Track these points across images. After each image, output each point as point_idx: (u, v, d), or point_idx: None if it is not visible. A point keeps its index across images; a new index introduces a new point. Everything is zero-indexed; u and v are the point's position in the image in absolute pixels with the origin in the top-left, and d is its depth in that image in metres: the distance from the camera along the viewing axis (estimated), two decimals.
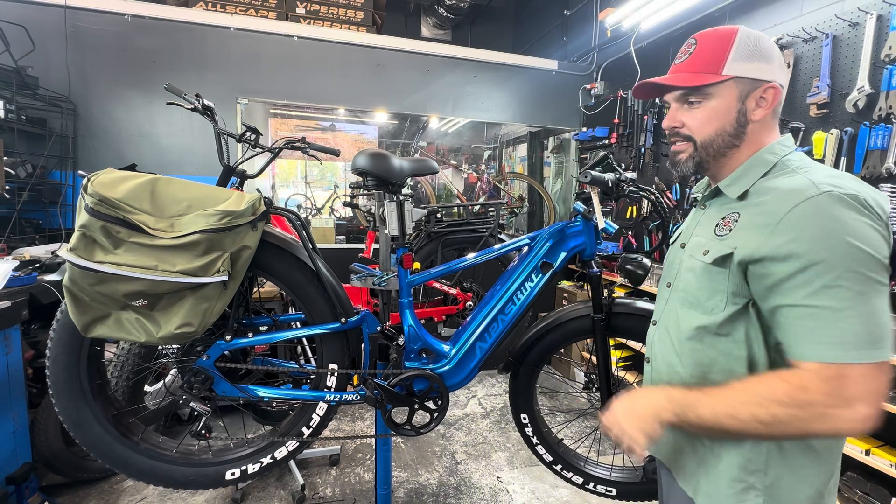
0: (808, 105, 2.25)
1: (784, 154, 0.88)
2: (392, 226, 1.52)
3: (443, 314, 2.61)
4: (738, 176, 0.90)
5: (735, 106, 0.88)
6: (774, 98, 0.88)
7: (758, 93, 0.87)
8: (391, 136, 5.94)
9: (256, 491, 2.39)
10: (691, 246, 0.96)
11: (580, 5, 4.25)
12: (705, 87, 0.89)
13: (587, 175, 1.37)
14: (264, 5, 3.75)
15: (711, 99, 0.89)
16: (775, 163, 0.87)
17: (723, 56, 0.87)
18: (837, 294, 0.73)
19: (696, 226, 1.00)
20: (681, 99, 0.93)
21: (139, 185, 1.18)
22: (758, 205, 0.84)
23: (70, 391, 1.39)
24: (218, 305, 1.25)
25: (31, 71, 2.83)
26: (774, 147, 0.89)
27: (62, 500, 2.25)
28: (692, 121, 0.92)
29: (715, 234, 0.89)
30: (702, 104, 0.90)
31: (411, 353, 1.55)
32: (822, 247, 0.74)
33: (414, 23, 5.71)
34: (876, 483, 1.93)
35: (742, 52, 0.87)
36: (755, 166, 0.89)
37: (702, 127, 0.91)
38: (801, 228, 0.76)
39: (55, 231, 2.93)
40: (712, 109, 0.89)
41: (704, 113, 0.90)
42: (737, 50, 0.87)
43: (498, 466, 2.70)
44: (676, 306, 0.97)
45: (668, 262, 1.07)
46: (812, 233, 0.75)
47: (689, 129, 0.92)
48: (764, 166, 0.88)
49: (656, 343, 1.03)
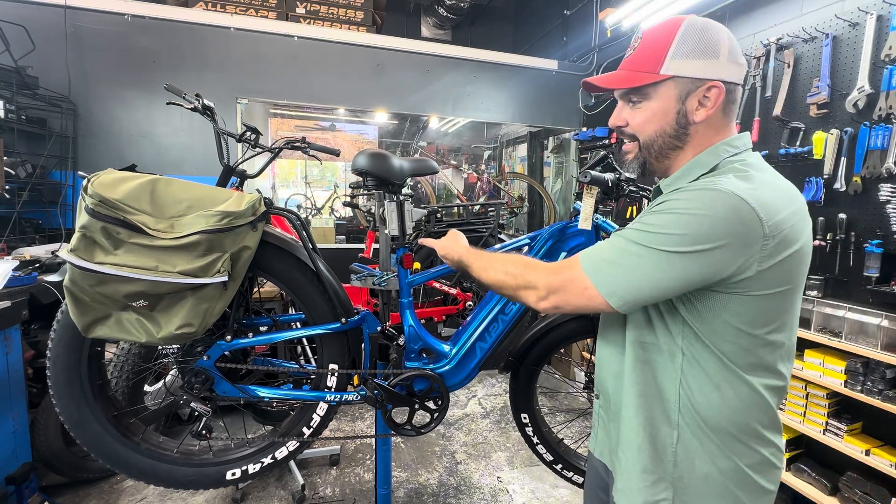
0: (808, 105, 2.25)
1: (728, 155, 0.84)
2: (392, 226, 1.52)
3: (443, 314, 2.61)
4: (677, 177, 0.88)
5: (674, 106, 0.84)
6: (718, 97, 0.82)
7: (700, 92, 0.82)
8: (391, 136, 5.94)
9: (256, 491, 2.39)
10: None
11: (580, 5, 4.25)
12: (643, 87, 0.86)
13: (587, 175, 1.38)
14: (264, 5, 3.75)
15: (650, 99, 0.86)
16: (715, 164, 0.84)
17: (661, 54, 0.83)
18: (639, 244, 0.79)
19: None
20: (624, 97, 0.91)
21: (139, 186, 1.18)
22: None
23: (70, 391, 1.39)
24: (218, 306, 1.25)
25: (31, 71, 2.83)
26: (718, 148, 0.85)
27: (62, 500, 2.25)
28: (633, 119, 0.90)
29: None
30: (642, 104, 0.88)
31: (411, 353, 1.55)
32: (664, 209, 0.79)
33: (414, 23, 5.71)
34: (876, 483, 1.93)
35: (683, 48, 0.82)
36: (693, 168, 0.86)
37: (642, 127, 0.89)
38: (675, 195, 0.80)
39: (55, 231, 2.93)
40: (651, 110, 0.86)
41: (644, 113, 0.87)
42: (677, 47, 0.82)
43: (498, 466, 2.71)
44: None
45: None
46: (674, 202, 0.78)
47: (632, 127, 0.90)
48: (701, 168, 0.84)
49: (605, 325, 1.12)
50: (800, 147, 2.28)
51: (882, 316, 1.90)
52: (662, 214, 0.79)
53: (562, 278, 0.86)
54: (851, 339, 1.99)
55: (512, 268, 0.96)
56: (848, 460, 2.02)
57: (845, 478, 2.02)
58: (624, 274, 0.80)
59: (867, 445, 1.95)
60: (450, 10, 5.17)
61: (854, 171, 2.07)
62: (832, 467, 2.16)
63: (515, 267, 0.96)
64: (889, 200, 1.98)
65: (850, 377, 1.98)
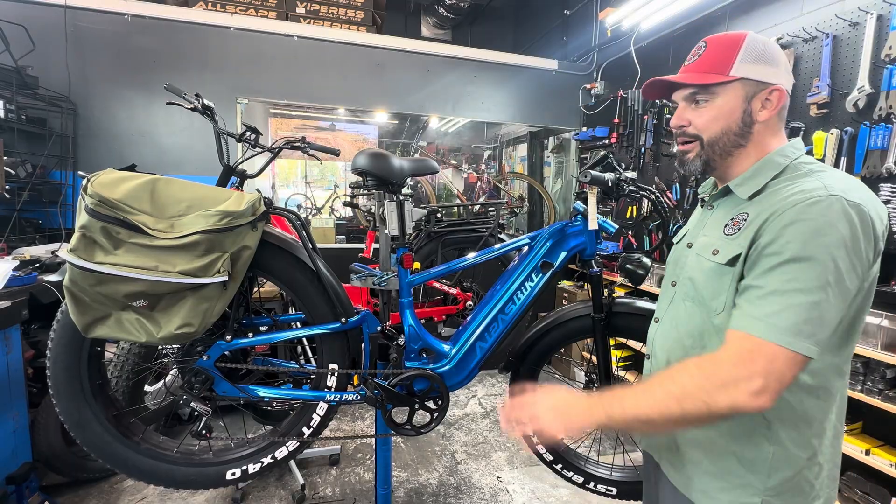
0: (808, 105, 2.25)
1: (795, 157, 0.90)
2: (392, 226, 1.52)
3: (443, 314, 2.60)
4: (748, 176, 0.91)
5: (741, 106, 0.90)
6: (779, 100, 0.90)
7: (763, 94, 0.89)
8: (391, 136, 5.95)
9: (256, 491, 2.39)
10: (699, 246, 0.97)
11: (580, 5, 4.25)
12: (712, 86, 0.91)
13: (587, 175, 1.37)
14: (264, 5, 3.75)
15: (718, 98, 0.91)
16: (786, 165, 0.89)
17: (731, 58, 0.89)
18: (794, 284, 0.76)
19: (703, 226, 1.01)
20: (688, 98, 0.95)
21: (139, 186, 1.18)
22: (767, 202, 0.86)
23: (70, 391, 1.38)
24: (218, 306, 1.25)
25: (31, 71, 2.83)
26: (786, 150, 0.91)
27: (62, 499, 2.25)
28: (698, 119, 0.94)
29: (724, 234, 0.90)
30: (708, 103, 0.92)
31: (411, 353, 1.55)
32: (804, 241, 0.76)
33: (414, 22, 5.70)
34: (876, 483, 1.93)
35: (749, 55, 0.89)
36: (766, 168, 0.90)
37: (708, 125, 0.93)
38: (794, 221, 0.78)
39: (55, 231, 2.93)
40: (718, 108, 0.91)
41: (711, 112, 0.92)
42: (744, 53, 0.89)
43: (498, 466, 2.71)
44: (681, 304, 0.99)
45: (673, 260, 1.08)
46: (802, 227, 0.77)
47: (696, 127, 0.94)
48: (775, 168, 0.89)
49: (657, 339, 1.05)
50: None
51: (882, 316, 1.90)
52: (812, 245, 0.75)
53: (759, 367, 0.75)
54: None
55: (676, 388, 0.79)
56: (848, 460, 2.01)
57: (845, 478, 2.02)
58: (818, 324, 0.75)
59: (867, 445, 1.95)
60: (450, 9, 5.17)
61: (854, 171, 2.07)
62: None
63: (679, 386, 0.79)
64: (889, 200, 1.98)
65: (851, 377, 1.97)
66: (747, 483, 0.88)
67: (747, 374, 0.75)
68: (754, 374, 0.75)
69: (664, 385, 0.81)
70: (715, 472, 0.91)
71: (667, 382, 0.81)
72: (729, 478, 0.90)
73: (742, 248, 0.85)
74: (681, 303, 0.99)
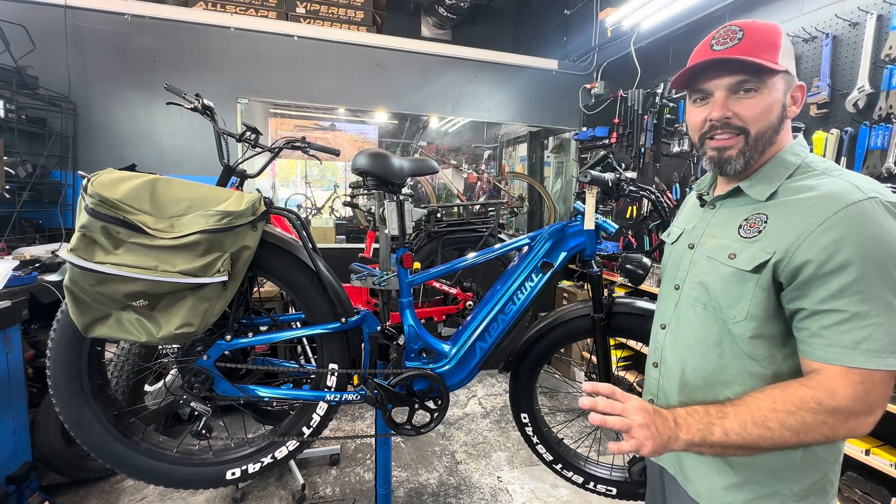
0: (808, 105, 2.25)
1: (805, 155, 0.87)
2: (392, 225, 1.52)
3: (443, 314, 2.60)
4: (763, 176, 0.87)
5: (781, 99, 0.84)
6: (803, 97, 0.87)
7: (794, 90, 0.86)
8: (391, 136, 5.94)
9: (257, 490, 2.39)
10: (710, 248, 0.91)
11: (580, 5, 4.25)
12: (764, 73, 0.82)
13: (587, 175, 1.37)
14: (264, 5, 3.75)
15: (766, 88, 0.83)
16: (798, 164, 0.85)
17: (776, 46, 0.82)
18: (870, 301, 0.72)
19: (706, 226, 0.95)
20: (733, 87, 0.84)
21: (139, 186, 1.18)
22: (790, 206, 0.81)
23: (70, 391, 1.39)
24: (218, 305, 1.25)
25: (31, 71, 2.83)
26: (795, 148, 0.87)
27: (62, 499, 2.25)
28: (747, 111, 0.84)
29: (740, 237, 0.85)
30: (758, 93, 0.83)
31: (411, 353, 1.55)
32: (864, 253, 0.72)
33: (414, 22, 5.71)
34: (876, 483, 1.93)
35: (786, 47, 0.84)
36: (779, 167, 0.86)
37: (759, 117, 0.84)
38: (845, 232, 0.73)
39: (55, 231, 2.93)
40: (767, 100, 0.83)
41: (761, 102, 0.83)
42: (784, 44, 0.84)
43: (498, 466, 2.71)
44: (690, 310, 0.93)
45: (672, 262, 1.02)
46: (856, 238, 0.73)
47: (744, 119, 0.84)
48: (787, 167, 0.85)
49: (667, 347, 0.99)
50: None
51: None
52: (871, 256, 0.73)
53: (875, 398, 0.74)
54: None
55: (796, 422, 0.75)
56: (848, 460, 2.01)
57: (845, 478, 2.02)
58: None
59: (867, 445, 1.95)
60: (450, 9, 5.17)
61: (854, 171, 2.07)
62: None
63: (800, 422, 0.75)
64: None
65: None
66: (775, 491, 0.86)
67: (866, 409, 0.74)
68: (872, 406, 0.74)
69: (780, 417, 0.75)
70: (740, 484, 0.88)
71: (783, 416, 0.75)
72: (755, 487, 0.87)
73: (769, 254, 0.79)
74: (690, 308, 0.93)
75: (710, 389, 0.90)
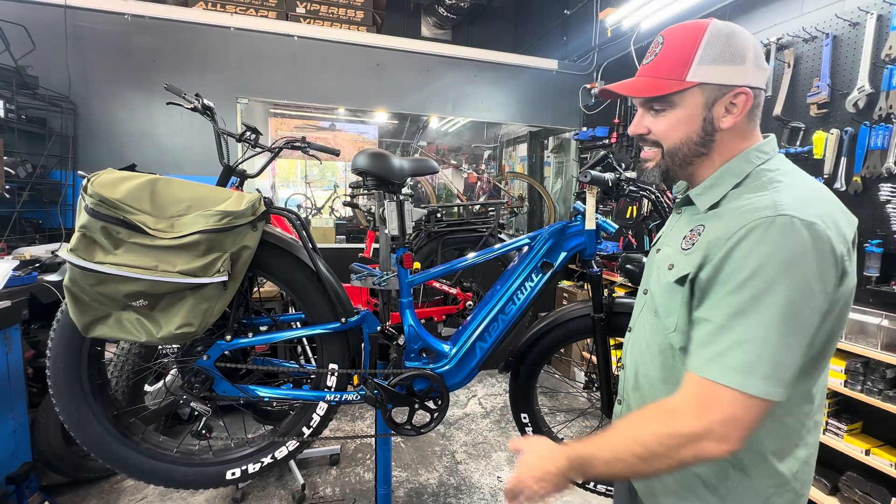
0: (808, 105, 2.25)
1: (760, 162, 0.81)
2: (392, 225, 1.52)
3: (443, 314, 2.60)
4: (708, 185, 0.84)
5: (700, 114, 0.81)
6: (745, 104, 0.80)
7: (727, 98, 0.80)
8: (391, 136, 5.94)
9: (257, 490, 2.39)
10: (661, 256, 0.90)
11: (580, 5, 4.25)
12: (668, 95, 0.82)
13: (587, 175, 1.37)
14: (264, 5, 3.75)
15: (675, 107, 0.82)
16: (749, 172, 0.81)
17: (687, 60, 0.80)
18: (741, 317, 0.70)
19: (669, 231, 0.95)
20: (645, 105, 0.87)
21: (139, 186, 1.18)
22: (720, 218, 0.79)
23: (70, 391, 1.39)
24: (218, 306, 1.25)
25: (31, 71, 2.83)
26: (749, 155, 0.82)
27: (62, 499, 2.25)
28: (657, 127, 0.86)
29: (681, 248, 0.84)
30: (666, 112, 0.84)
31: (411, 353, 1.55)
32: (752, 268, 0.70)
33: (414, 22, 5.71)
34: (876, 483, 1.93)
35: (710, 54, 0.79)
36: (726, 176, 0.83)
37: (667, 134, 0.85)
38: (744, 248, 0.71)
39: (55, 231, 2.93)
40: (676, 118, 0.83)
41: (669, 121, 0.84)
42: (704, 52, 0.79)
43: (498, 466, 2.71)
44: (647, 315, 0.93)
45: (648, 265, 1.01)
46: (746, 251, 0.71)
47: (656, 135, 0.86)
48: (736, 177, 0.82)
49: (629, 351, 1.00)
50: (800, 147, 2.28)
51: (882, 316, 1.90)
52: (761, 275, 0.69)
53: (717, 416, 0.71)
54: (851, 339, 1.99)
55: (643, 450, 0.74)
56: (848, 460, 2.02)
57: (845, 478, 2.02)
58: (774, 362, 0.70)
59: (867, 445, 1.95)
60: (450, 9, 5.17)
61: (854, 171, 2.07)
62: (832, 467, 2.16)
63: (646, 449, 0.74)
64: (889, 200, 1.98)
65: (850, 377, 1.98)
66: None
67: (705, 427, 0.70)
68: (713, 424, 0.70)
69: (629, 447, 0.75)
70: (678, 492, 0.88)
71: (632, 444, 0.75)
72: (692, 499, 0.86)
73: (692, 267, 0.78)
74: (647, 314, 0.93)
75: (656, 395, 0.89)
